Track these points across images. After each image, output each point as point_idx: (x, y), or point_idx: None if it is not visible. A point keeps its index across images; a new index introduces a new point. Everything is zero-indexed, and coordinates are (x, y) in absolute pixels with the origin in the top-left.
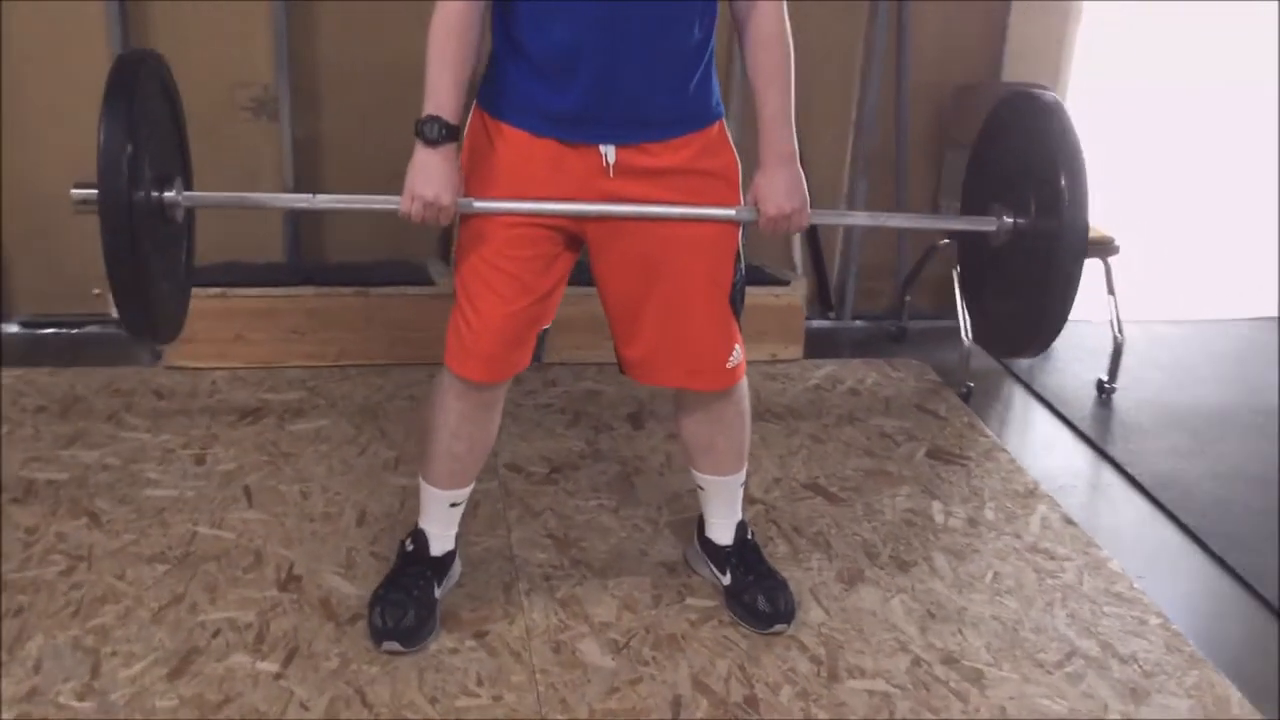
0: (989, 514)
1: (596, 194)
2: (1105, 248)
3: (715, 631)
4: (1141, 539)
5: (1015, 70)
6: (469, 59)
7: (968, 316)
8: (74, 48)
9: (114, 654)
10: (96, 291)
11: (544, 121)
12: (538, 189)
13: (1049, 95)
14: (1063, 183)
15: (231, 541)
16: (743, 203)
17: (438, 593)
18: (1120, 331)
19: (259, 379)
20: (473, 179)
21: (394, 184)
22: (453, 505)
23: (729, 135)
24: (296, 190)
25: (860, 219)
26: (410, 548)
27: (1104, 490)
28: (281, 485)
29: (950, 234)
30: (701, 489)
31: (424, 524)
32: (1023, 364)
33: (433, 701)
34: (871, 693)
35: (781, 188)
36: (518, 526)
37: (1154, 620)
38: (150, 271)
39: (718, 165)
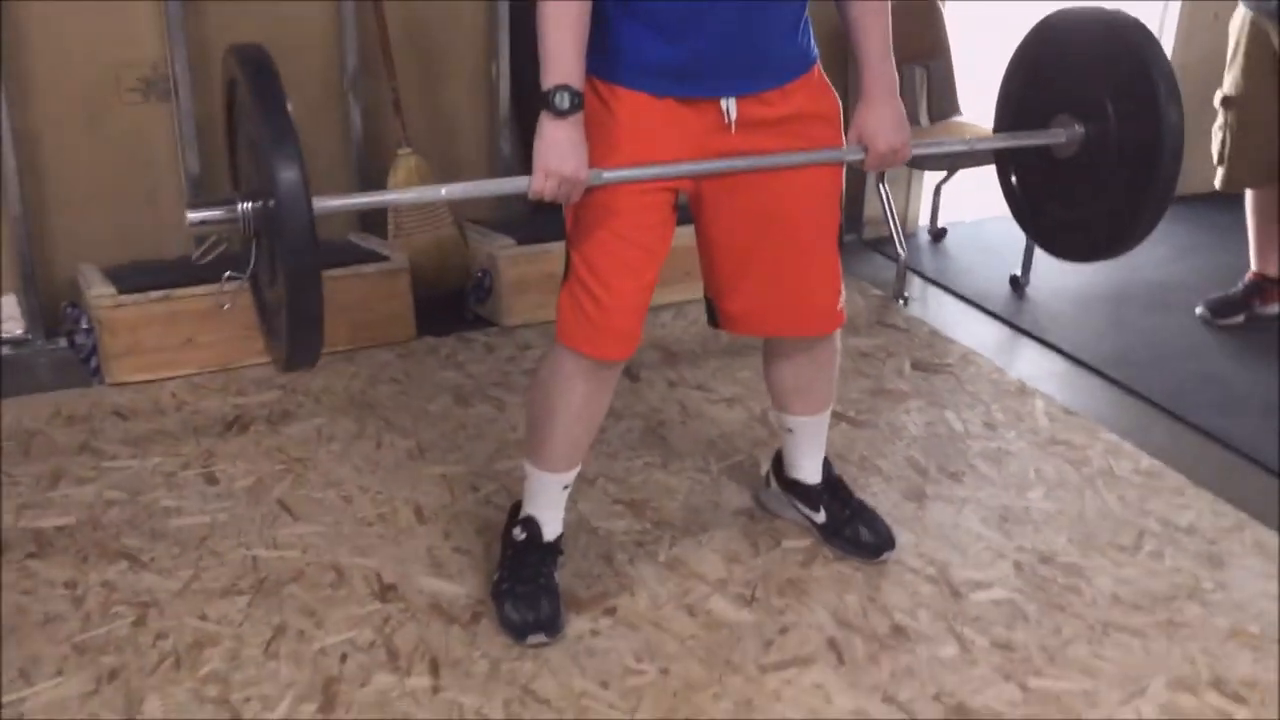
0: (998, 415)
1: (716, 151)
2: None
3: (827, 569)
4: (1120, 415)
5: None
6: (587, 22)
7: (1026, 228)
8: None
9: (247, 700)
10: None
11: (662, 80)
12: (659, 152)
13: (1105, 8)
14: (1159, 87)
15: (300, 559)
16: (844, 142)
17: (557, 577)
18: None
19: (221, 383)
20: (593, 149)
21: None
22: (565, 488)
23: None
24: (201, 176)
25: (955, 145)
26: (522, 536)
27: (1065, 378)
28: (315, 493)
29: (1007, 150)
30: (790, 431)
31: (533, 510)
32: (936, 268)
33: (604, 686)
34: (998, 602)
35: (889, 122)
36: (581, 498)
37: (1189, 490)
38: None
39: (824, 108)
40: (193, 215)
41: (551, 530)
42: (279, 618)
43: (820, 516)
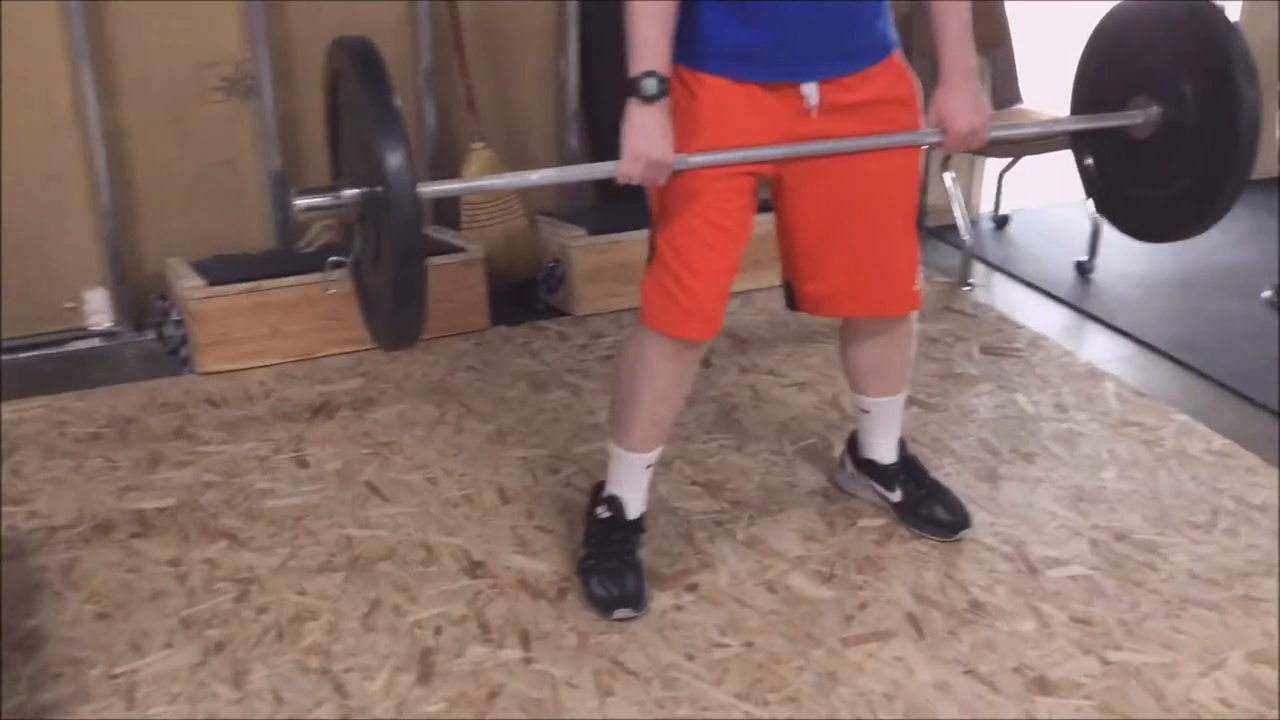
0: (1069, 398)
1: (798, 135)
2: None
3: (903, 547)
4: (1191, 397)
5: None
6: (674, 14)
7: (1102, 209)
8: (28, 41)
9: (348, 670)
10: (70, 305)
11: (744, 65)
12: (741, 137)
13: None
14: (1236, 66)
15: (391, 538)
16: (922, 125)
17: (641, 554)
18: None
19: (305, 372)
20: (678, 134)
21: None
22: (648, 467)
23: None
24: (283, 171)
25: (1033, 128)
26: (606, 515)
27: (1134, 361)
28: (402, 476)
29: (1084, 133)
30: (866, 412)
31: (616, 490)
32: (1000, 255)
33: (690, 658)
34: (1075, 578)
35: (968, 104)
36: (659, 480)
37: (1261, 470)
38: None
39: (904, 91)
40: (299, 202)
41: (635, 508)
42: (374, 593)
43: (896, 496)
